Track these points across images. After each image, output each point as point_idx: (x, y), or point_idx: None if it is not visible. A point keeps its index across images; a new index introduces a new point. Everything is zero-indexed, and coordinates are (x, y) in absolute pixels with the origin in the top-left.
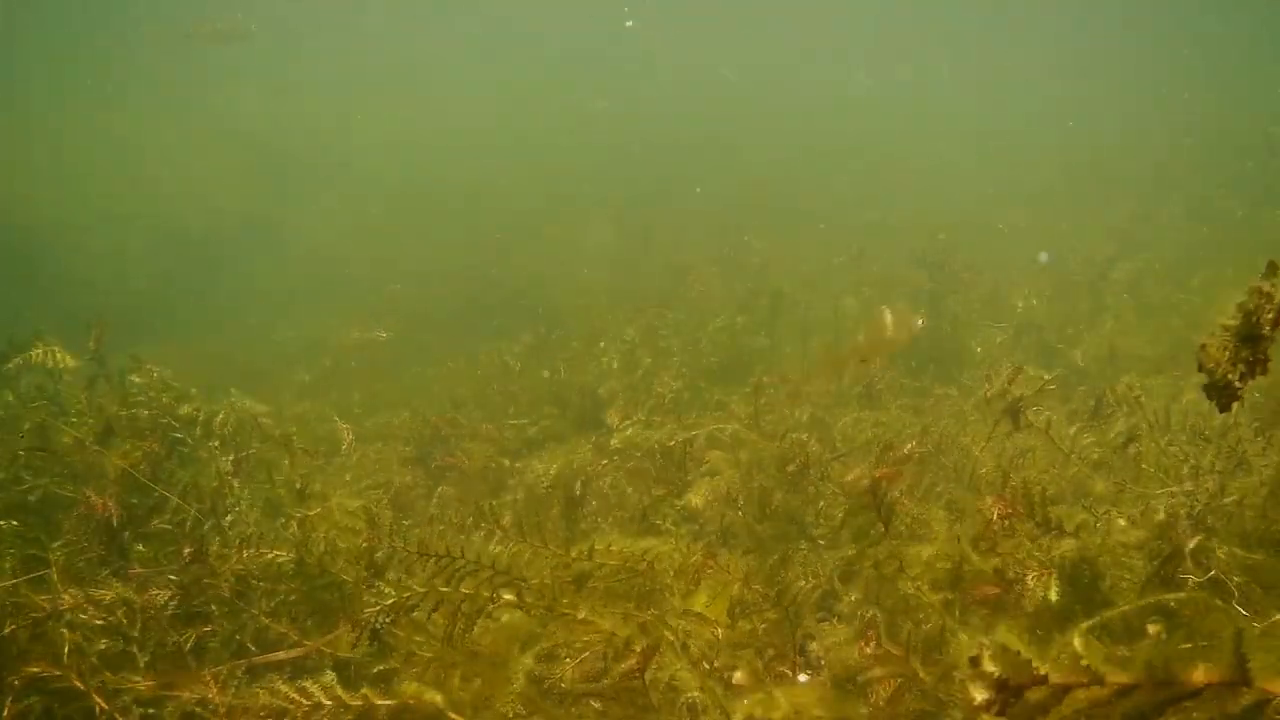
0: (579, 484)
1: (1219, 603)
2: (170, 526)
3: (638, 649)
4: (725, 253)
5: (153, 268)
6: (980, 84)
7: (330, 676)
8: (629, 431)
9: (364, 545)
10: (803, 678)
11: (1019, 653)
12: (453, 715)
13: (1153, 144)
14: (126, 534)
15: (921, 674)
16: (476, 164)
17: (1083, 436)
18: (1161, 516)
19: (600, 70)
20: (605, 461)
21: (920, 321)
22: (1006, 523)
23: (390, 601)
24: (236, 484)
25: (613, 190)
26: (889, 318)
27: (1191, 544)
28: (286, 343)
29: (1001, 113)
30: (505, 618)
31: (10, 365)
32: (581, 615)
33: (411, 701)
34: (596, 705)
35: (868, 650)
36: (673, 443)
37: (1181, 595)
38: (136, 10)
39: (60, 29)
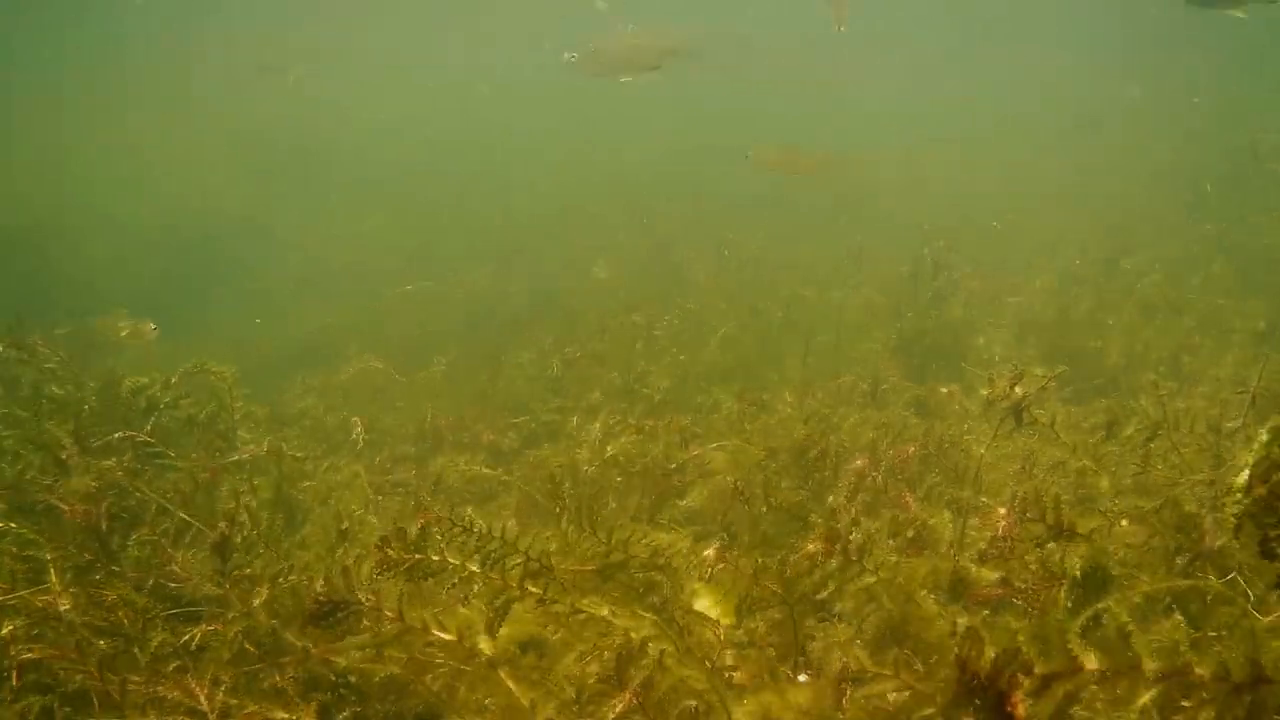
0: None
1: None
2: (155, 536)
3: (652, 651)
4: (727, 253)
5: (152, 269)
6: (978, 84)
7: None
8: (623, 439)
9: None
10: (802, 678)
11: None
12: None
13: (1152, 145)
14: (114, 539)
15: (921, 686)
16: (479, 166)
17: (1092, 436)
18: (1178, 514)
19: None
20: (597, 465)
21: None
22: (1015, 531)
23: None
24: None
25: (617, 190)
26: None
27: (1216, 545)
28: (287, 344)
29: (999, 113)
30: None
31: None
32: (604, 613)
33: None
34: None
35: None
36: (673, 466)
37: (1194, 583)
38: (137, 11)
39: (61, 29)
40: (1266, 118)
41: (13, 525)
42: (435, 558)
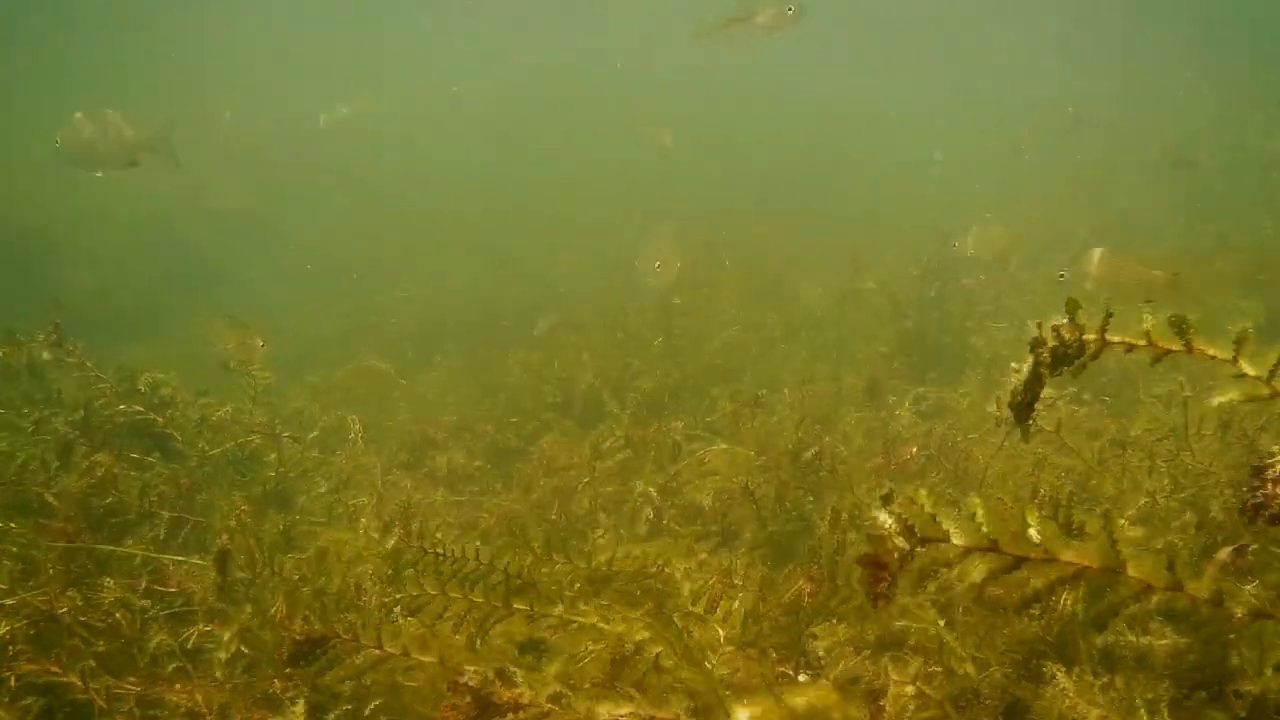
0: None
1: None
2: (140, 550)
3: (648, 654)
4: (724, 254)
5: (152, 269)
6: (975, 83)
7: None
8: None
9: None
10: (802, 678)
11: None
12: None
13: (1151, 144)
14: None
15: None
16: (480, 167)
17: (1096, 439)
18: (1200, 516)
19: (597, 70)
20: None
21: None
22: None
23: (400, 596)
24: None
25: (618, 190)
26: None
27: (1224, 553)
28: (286, 343)
29: (997, 113)
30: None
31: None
32: (593, 620)
33: None
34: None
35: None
36: (671, 483)
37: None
38: (138, 11)
39: (60, 29)
40: (1269, 119)
41: (12, 526)
42: (415, 593)
